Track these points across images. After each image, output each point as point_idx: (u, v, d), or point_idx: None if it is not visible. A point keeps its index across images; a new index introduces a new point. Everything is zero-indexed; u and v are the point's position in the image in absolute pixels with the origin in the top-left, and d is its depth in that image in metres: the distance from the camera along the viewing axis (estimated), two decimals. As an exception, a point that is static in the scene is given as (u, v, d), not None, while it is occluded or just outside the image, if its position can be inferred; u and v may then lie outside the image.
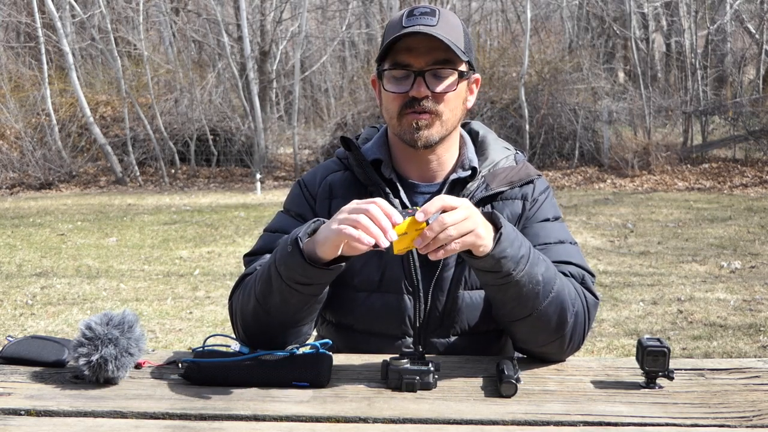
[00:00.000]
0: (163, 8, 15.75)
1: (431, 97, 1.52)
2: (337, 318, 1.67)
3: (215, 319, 5.20)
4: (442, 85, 1.53)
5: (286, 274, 1.38)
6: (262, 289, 1.44)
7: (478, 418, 1.22)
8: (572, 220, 8.98)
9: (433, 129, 1.55)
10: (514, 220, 1.62)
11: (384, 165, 1.63)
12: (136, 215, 10.15)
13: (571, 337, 1.48)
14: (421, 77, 1.51)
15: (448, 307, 1.59)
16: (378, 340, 1.60)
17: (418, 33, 1.47)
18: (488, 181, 1.63)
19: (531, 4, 14.31)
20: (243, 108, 14.60)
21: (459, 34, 1.54)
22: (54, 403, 1.27)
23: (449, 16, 1.55)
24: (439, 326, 1.60)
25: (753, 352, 4.40)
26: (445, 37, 1.48)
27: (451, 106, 1.56)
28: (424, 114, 1.53)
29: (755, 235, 7.90)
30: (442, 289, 1.59)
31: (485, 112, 13.83)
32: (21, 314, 5.40)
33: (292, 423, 1.21)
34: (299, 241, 1.36)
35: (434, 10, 1.53)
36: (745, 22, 15.22)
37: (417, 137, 1.54)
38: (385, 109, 1.60)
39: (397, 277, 1.59)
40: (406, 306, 1.59)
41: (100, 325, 1.34)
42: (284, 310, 1.44)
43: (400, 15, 1.54)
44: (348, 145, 1.66)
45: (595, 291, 1.57)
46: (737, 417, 1.22)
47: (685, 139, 13.80)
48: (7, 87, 14.31)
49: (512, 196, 1.64)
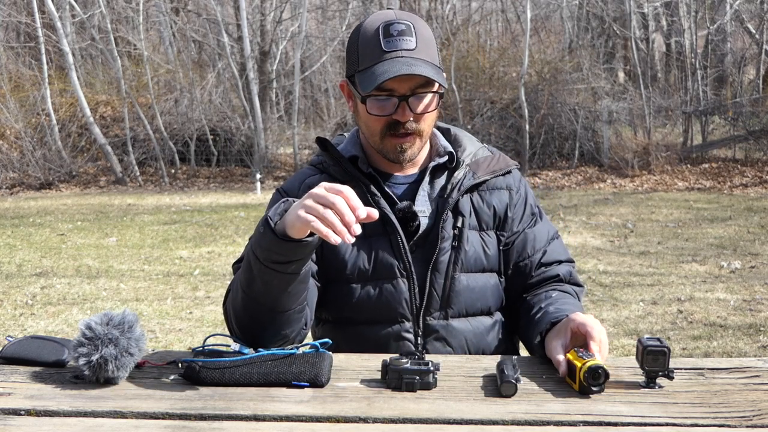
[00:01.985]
0: (163, 8, 15.75)
1: (413, 118, 1.59)
2: (335, 314, 1.69)
3: (215, 319, 5.20)
4: (424, 107, 1.59)
5: (263, 256, 1.40)
6: (246, 278, 1.46)
7: (478, 418, 1.22)
8: (572, 220, 8.98)
9: (415, 147, 1.64)
10: (503, 208, 1.72)
11: (360, 161, 1.69)
12: (136, 215, 10.15)
13: None
14: (405, 102, 1.56)
15: (446, 289, 1.64)
16: (378, 328, 1.64)
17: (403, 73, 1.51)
18: (473, 170, 1.70)
19: (531, 4, 14.31)
20: (243, 108, 14.60)
21: (433, 48, 1.59)
22: (54, 403, 1.27)
23: (423, 30, 1.59)
24: (438, 309, 1.64)
25: (753, 352, 4.40)
26: (427, 63, 1.54)
27: (429, 121, 1.64)
28: (407, 137, 1.61)
29: (755, 235, 7.90)
30: (440, 271, 1.64)
31: (485, 112, 13.83)
32: (21, 314, 5.40)
33: (292, 423, 1.21)
34: (269, 221, 1.38)
35: (409, 26, 1.56)
36: (745, 22, 15.22)
37: (402, 158, 1.64)
38: (364, 124, 1.65)
39: (389, 262, 1.63)
40: (401, 289, 1.63)
41: (100, 325, 1.34)
42: (269, 294, 1.45)
43: (376, 32, 1.56)
44: (324, 144, 1.72)
45: (579, 280, 1.76)
46: (737, 417, 1.22)
47: (685, 139, 13.80)
48: (7, 87, 14.31)
49: (498, 185, 1.73)
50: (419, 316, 1.64)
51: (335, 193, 1.30)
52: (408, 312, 1.64)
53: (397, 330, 1.63)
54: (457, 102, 13.62)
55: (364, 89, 1.56)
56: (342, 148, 1.72)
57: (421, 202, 1.68)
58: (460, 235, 1.65)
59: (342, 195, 1.29)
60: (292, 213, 1.35)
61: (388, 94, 1.56)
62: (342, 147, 1.73)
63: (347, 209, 1.28)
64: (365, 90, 1.56)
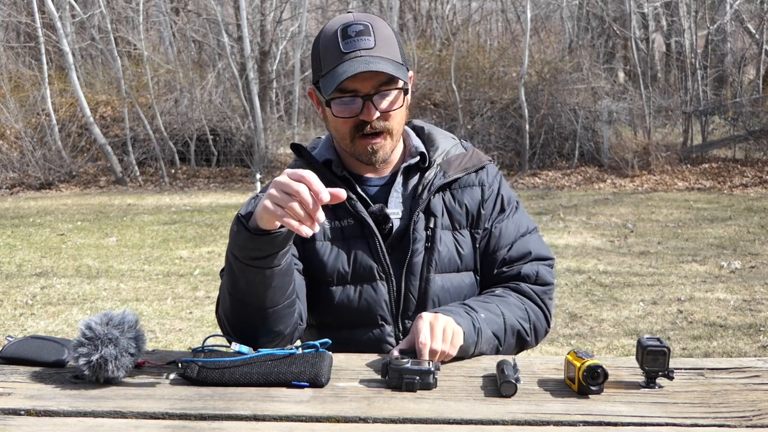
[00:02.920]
0: (163, 8, 15.75)
1: (380, 116, 1.58)
2: (319, 319, 1.71)
3: (215, 319, 5.19)
4: (389, 104, 1.59)
5: (241, 254, 1.41)
6: (230, 280, 1.48)
7: (478, 418, 1.22)
8: (572, 220, 8.98)
9: (386, 146, 1.63)
10: (475, 206, 1.71)
11: (334, 164, 1.70)
12: (136, 215, 10.15)
13: (535, 338, 1.68)
14: (370, 101, 1.56)
15: (421, 291, 1.65)
16: (359, 332, 1.65)
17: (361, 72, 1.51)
18: (444, 169, 1.70)
19: (531, 4, 14.31)
20: (243, 108, 14.60)
21: (395, 47, 1.59)
22: (54, 403, 1.27)
23: (383, 29, 1.59)
24: (414, 310, 1.65)
25: (753, 352, 4.40)
26: (386, 60, 1.54)
27: (398, 119, 1.63)
28: (376, 137, 1.60)
29: (755, 235, 7.90)
30: (414, 273, 1.65)
31: (485, 112, 13.82)
32: (21, 314, 5.40)
33: (292, 423, 1.21)
34: (240, 219, 1.40)
35: (368, 26, 1.56)
36: (745, 22, 15.22)
37: (374, 159, 1.64)
38: (334, 129, 1.65)
39: (368, 265, 1.64)
40: (381, 291, 1.64)
41: (100, 325, 1.35)
42: (254, 292, 1.45)
43: (334, 35, 1.57)
44: (299, 150, 1.74)
45: (548, 278, 1.71)
46: (737, 417, 1.22)
47: (685, 139, 13.80)
48: (7, 87, 14.30)
49: (470, 182, 1.72)
50: (398, 319, 1.66)
51: (297, 179, 1.30)
52: (388, 314, 1.65)
53: (378, 334, 1.64)
54: (457, 102, 13.62)
55: (326, 92, 1.57)
56: (317, 153, 1.74)
57: (393, 203, 1.69)
58: (433, 235, 1.66)
59: (304, 180, 1.29)
60: (260, 205, 1.35)
61: (352, 95, 1.56)
62: (317, 152, 1.75)
63: (309, 197, 1.28)
64: (327, 92, 1.56)
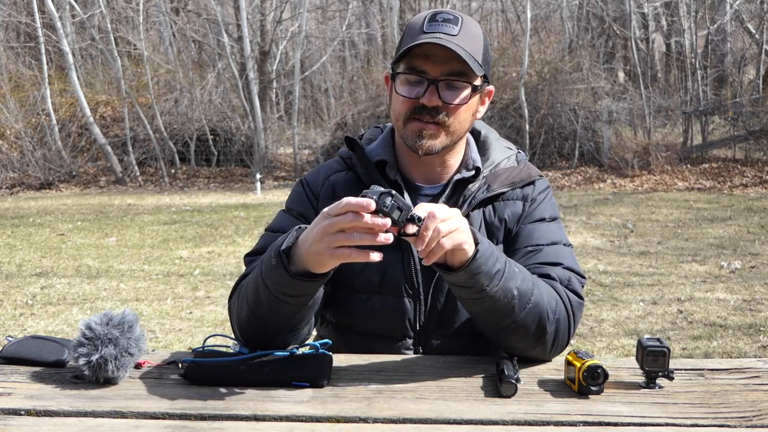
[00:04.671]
0: (163, 8, 15.76)
1: (441, 107, 1.50)
2: (338, 318, 1.66)
3: (215, 319, 5.20)
4: (454, 97, 1.51)
5: (273, 287, 1.36)
6: (253, 299, 1.42)
7: (478, 418, 1.22)
8: (572, 220, 8.98)
9: (437, 139, 1.53)
10: (514, 220, 1.62)
11: (389, 166, 1.62)
12: (136, 215, 10.15)
13: (553, 343, 1.47)
14: (435, 86, 1.49)
15: (447, 309, 1.58)
16: (377, 342, 1.59)
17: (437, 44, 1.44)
18: (489, 182, 1.62)
19: (531, 4, 14.31)
20: (243, 108, 14.60)
21: (479, 46, 1.51)
22: (54, 403, 1.27)
23: (471, 26, 1.52)
24: (439, 327, 1.59)
25: (753, 352, 4.40)
26: (464, 49, 1.46)
27: (460, 118, 1.54)
28: (430, 124, 1.51)
29: (755, 235, 7.90)
30: (442, 290, 1.58)
31: (485, 112, 13.83)
32: (21, 314, 5.40)
33: (292, 423, 1.21)
34: (282, 256, 1.32)
35: (457, 18, 1.50)
36: (745, 22, 15.22)
37: (419, 145, 1.53)
38: (392, 109, 1.57)
39: (397, 279, 1.58)
40: (406, 308, 1.58)
41: (100, 325, 1.34)
42: (275, 319, 1.42)
43: (422, 18, 1.51)
44: (352, 145, 1.65)
45: (580, 292, 1.56)
46: (737, 417, 1.22)
47: (685, 139, 13.80)
48: (7, 87, 14.31)
49: (513, 197, 1.64)
50: (420, 334, 1.60)
51: (341, 213, 1.22)
52: (410, 330, 1.59)
53: (397, 347, 1.60)
54: (457, 102, 13.61)
55: (394, 62, 1.51)
56: (371, 150, 1.65)
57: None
58: None
59: (348, 208, 1.21)
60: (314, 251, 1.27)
61: (420, 76, 1.49)
62: (372, 148, 1.66)
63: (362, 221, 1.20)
64: (395, 60, 1.51)
